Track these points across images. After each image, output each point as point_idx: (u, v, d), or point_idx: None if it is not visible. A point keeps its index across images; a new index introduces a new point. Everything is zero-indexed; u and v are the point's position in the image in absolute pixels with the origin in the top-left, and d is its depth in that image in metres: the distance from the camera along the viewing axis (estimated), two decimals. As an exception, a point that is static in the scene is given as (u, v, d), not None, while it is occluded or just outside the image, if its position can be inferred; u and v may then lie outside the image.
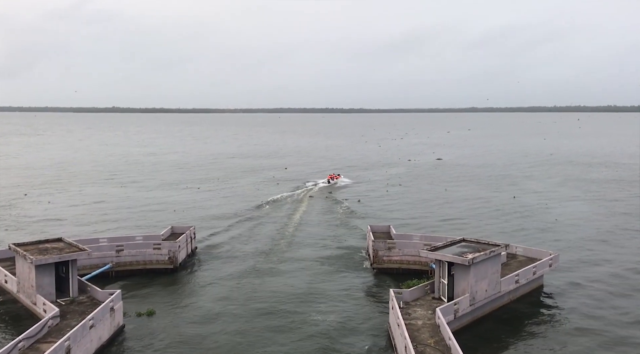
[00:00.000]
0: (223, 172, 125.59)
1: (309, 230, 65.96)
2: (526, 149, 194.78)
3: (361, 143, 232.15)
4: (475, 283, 36.60)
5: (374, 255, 49.71)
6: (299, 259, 53.57)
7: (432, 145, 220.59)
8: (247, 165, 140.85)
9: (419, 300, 37.15)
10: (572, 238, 61.55)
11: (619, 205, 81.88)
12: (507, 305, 40.54)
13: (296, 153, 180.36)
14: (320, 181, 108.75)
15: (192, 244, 55.31)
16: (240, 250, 56.63)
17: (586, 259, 52.97)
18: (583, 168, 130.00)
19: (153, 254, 49.60)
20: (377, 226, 57.26)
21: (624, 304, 41.17)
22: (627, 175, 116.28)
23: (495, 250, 38.20)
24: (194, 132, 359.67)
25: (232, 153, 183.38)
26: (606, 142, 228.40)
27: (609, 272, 48.76)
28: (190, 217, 73.07)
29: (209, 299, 42.61)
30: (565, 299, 42.22)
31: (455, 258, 36.27)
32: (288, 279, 47.45)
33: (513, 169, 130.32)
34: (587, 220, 71.46)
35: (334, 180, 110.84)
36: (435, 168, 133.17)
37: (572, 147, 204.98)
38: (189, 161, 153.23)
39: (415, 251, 47.42)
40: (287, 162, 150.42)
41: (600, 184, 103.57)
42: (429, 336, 31.36)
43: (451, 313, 34.61)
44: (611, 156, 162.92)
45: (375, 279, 47.50)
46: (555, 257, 45.57)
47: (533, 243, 56.27)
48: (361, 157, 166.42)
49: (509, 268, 43.77)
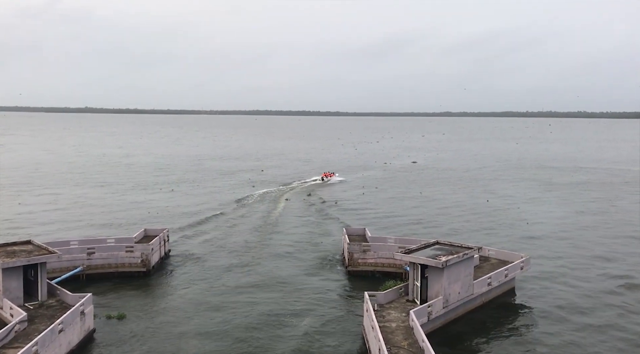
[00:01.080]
0: (198, 174, 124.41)
1: (284, 233, 65.80)
2: (499, 153, 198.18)
3: (338, 146, 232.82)
4: (448, 286, 37.01)
5: (349, 258, 49.86)
6: (274, 261, 53.38)
7: (408, 148, 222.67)
8: (223, 167, 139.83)
9: (393, 303, 37.37)
10: (543, 240, 62.77)
11: (588, 208, 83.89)
12: (479, 307, 41.10)
13: (273, 156, 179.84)
14: (313, 179, 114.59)
15: (165, 247, 54.61)
16: (215, 253, 56.15)
17: (557, 261, 54.07)
18: (554, 172, 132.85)
19: (125, 257, 48.80)
20: (353, 229, 57.51)
21: (594, 306, 42.13)
22: (595, 179, 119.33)
23: (468, 252, 38.71)
24: (170, 133, 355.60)
25: (208, 155, 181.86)
26: (576, 147, 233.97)
27: (579, 274, 49.88)
28: (164, 219, 72.14)
29: (182, 302, 42.10)
30: (535, 301, 43.02)
31: (429, 260, 36.61)
32: (262, 282, 47.22)
33: (486, 173, 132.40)
34: (558, 222, 73.00)
35: (328, 177, 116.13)
36: (411, 172, 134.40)
37: (543, 151, 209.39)
38: (163, 163, 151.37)
39: (390, 253, 47.77)
40: (264, 164, 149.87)
41: (570, 188, 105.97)
42: (403, 339, 31.58)
43: (425, 315, 34.92)
44: (580, 161, 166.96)
45: (350, 282, 47.64)
46: (526, 260, 46.42)
47: (505, 246, 57.27)
48: (338, 160, 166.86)
49: (482, 270, 44.39)
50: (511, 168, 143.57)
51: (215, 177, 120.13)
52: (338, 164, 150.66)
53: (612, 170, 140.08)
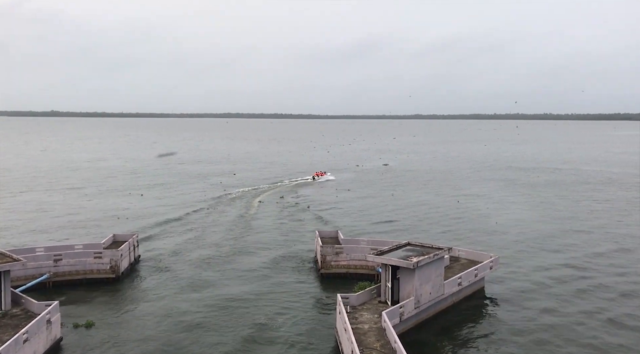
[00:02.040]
0: (169, 178, 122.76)
1: (256, 236, 65.48)
2: (468, 155, 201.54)
3: (310, 149, 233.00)
4: (419, 286, 37.42)
5: (321, 260, 49.93)
6: (246, 265, 53.06)
7: (379, 151, 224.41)
8: (194, 171, 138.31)
9: (365, 304, 37.59)
10: (512, 240, 64.06)
11: (555, 207, 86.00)
12: (450, 307, 41.67)
13: (245, 159, 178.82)
14: (304, 178, 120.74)
15: (135, 252, 53.69)
16: (186, 258, 55.49)
17: (525, 260, 55.25)
18: (521, 173, 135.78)
19: (94, 263, 47.82)
20: (325, 231, 57.64)
21: (562, 305, 43.17)
22: (561, 179, 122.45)
23: (439, 253, 39.22)
24: (140, 137, 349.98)
25: (179, 158, 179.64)
26: (542, 149, 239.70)
27: (547, 273, 51.05)
28: (133, 225, 70.95)
29: (152, 309, 41.44)
30: (505, 301, 43.84)
31: (400, 261, 36.95)
32: (235, 285, 46.89)
33: (456, 174, 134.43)
34: (526, 222, 74.60)
35: (319, 177, 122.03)
36: (382, 174, 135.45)
37: (511, 153, 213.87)
38: (133, 167, 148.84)
39: (363, 255, 47.98)
40: (236, 167, 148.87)
41: (537, 188, 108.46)
42: (375, 340, 31.77)
43: (397, 316, 35.22)
44: (546, 162, 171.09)
45: (323, 284, 47.69)
46: (495, 260, 47.30)
47: (475, 246, 58.25)
48: (310, 162, 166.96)
49: (452, 271, 45.05)
50: (480, 170, 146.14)
51: (187, 180, 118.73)
52: (311, 167, 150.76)
53: (576, 170, 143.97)
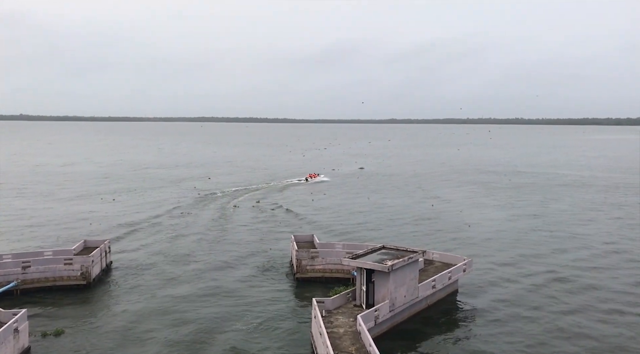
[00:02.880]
0: (142, 183, 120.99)
1: (231, 240, 65.00)
2: (442, 159, 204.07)
3: (285, 153, 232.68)
4: (394, 290, 37.67)
5: (297, 265, 49.84)
6: (221, 270, 52.61)
7: (355, 155, 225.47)
8: (168, 175, 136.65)
9: (341, 308, 37.65)
10: (485, 243, 65.02)
11: (526, 210, 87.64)
12: (424, 310, 42.04)
13: (220, 163, 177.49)
14: (297, 179, 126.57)
15: (107, 258, 52.74)
16: (159, 263, 54.73)
17: (498, 262, 56.13)
18: (493, 177, 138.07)
19: (64, 270, 46.77)
20: (301, 235, 57.56)
21: (534, 306, 43.96)
22: (531, 183, 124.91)
23: (413, 256, 39.57)
24: (114, 141, 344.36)
25: (152, 163, 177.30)
26: (513, 153, 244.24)
27: (519, 274, 51.95)
28: (105, 230, 69.69)
29: (123, 316, 40.72)
30: (478, 303, 44.45)
31: (375, 265, 37.16)
32: (209, 290, 46.43)
33: (431, 178, 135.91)
34: (498, 225, 75.83)
35: (312, 178, 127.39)
36: (358, 178, 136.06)
37: (484, 157, 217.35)
38: (106, 171, 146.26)
39: (338, 259, 48.13)
40: (211, 171, 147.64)
41: (509, 191, 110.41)
42: (351, 344, 31.83)
43: (372, 319, 35.36)
44: (518, 165, 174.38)
45: (299, 288, 47.60)
46: (468, 262, 47.94)
47: (449, 249, 58.95)
48: (286, 166, 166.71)
49: (427, 273, 45.48)
50: (454, 173, 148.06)
51: (160, 185, 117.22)
52: (286, 171, 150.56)
53: (547, 174, 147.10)
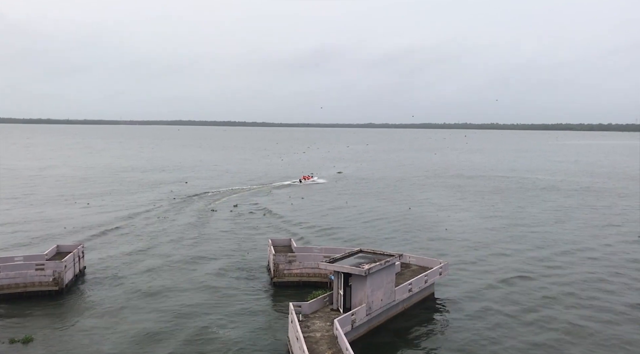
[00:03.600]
0: (118, 186, 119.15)
1: (208, 245, 64.41)
2: (419, 163, 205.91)
3: (264, 157, 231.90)
4: (371, 293, 37.77)
5: (274, 269, 49.62)
6: (197, 274, 52.07)
7: (333, 159, 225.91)
8: (144, 179, 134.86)
9: (318, 312, 37.59)
10: (461, 245, 65.71)
11: (501, 213, 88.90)
12: (401, 313, 42.25)
13: (197, 167, 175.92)
14: (292, 181, 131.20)
15: (80, 263, 51.74)
16: (134, 268, 53.92)
17: (473, 265, 56.76)
18: (469, 181, 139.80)
19: (35, 275, 45.70)
20: (278, 240, 57.39)
21: (510, 308, 44.56)
22: (506, 187, 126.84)
23: (390, 260, 39.74)
24: (91, 144, 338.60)
25: (128, 166, 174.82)
26: (489, 158, 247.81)
27: (495, 277, 52.61)
28: (79, 235, 68.39)
29: (97, 322, 39.97)
30: (454, 305, 44.86)
31: (352, 269, 37.21)
32: (185, 296, 45.90)
33: (408, 182, 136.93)
34: (474, 228, 76.74)
35: (306, 180, 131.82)
36: (336, 182, 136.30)
37: (460, 161, 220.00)
38: (81, 175, 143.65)
39: (316, 263, 48.06)
40: (188, 175, 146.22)
41: (484, 195, 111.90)
42: (327, 348, 31.79)
43: (349, 323, 35.38)
44: (493, 170, 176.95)
45: (276, 293, 47.39)
46: (445, 265, 48.38)
47: (426, 252, 59.45)
48: (264, 170, 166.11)
49: (403, 277, 45.75)
50: (431, 178, 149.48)
51: (136, 189, 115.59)
52: (264, 176, 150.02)
53: (521, 178, 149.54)
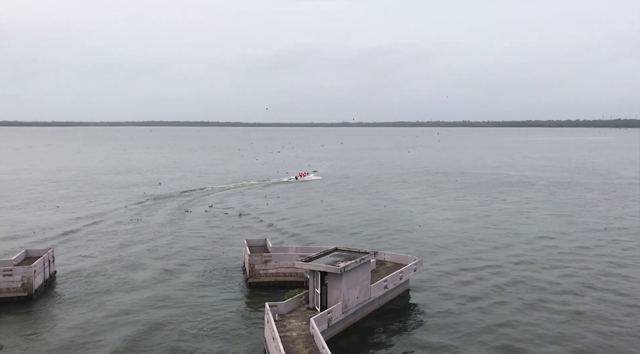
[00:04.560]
0: (90, 189, 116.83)
1: (182, 246, 63.68)
2: (393, 161, 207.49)
3: (238, 157, 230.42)
4: (347, 291, 37.89)
5: (250, 269, 49.35)
6: (171, 276, 51.43)
7: (308, 158, 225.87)
8: (116, 181, 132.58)
9: (294, 312, 37.53)
10: (435, 242, 66.45)
11: (473, 209, 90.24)
12: (377, 310, 42.51)
13: (170, 168, 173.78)
14: (287, 178, 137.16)
15: (50, 268, 50.57)
16: (107, 272, 52.95)
17: (447, 260, 57.46)
18: (442, 178, 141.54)
19: (3, 281, 44.51)
20: (254, 240, 57.10)
21: (484, 302, 45.25)
22: (477, 183, 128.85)
23: (365, 257, 39.93)
24: (60, 146, 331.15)
25: (100, 168, 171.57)
26: (461, 155, 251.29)
27: (469, 273, 53.34)
28: (49, 239, 66.85)
29: (68, 328, 39.12)
30: (428, 301, 45.34)
31: (328, 267, 37.27)
32: (159, 298, 45.26)
33: (382, 180, 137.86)
34: (447, 224, 77.69)
35: (302, 177, 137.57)
36: (311, 181, 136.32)
37: (433, 159, 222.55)
38: (50, 178, 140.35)
39: (291, 263, 47.99)
40: (162, 177, 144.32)
41: (457, 192, 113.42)
42: (304, 347, 31.77)
43: (325, 322, 35.43)
44: (465, 167, 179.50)
45: (252, 293, 47.15)
46: (419, 262, 48.85)
47: (401, 249, 59.94)
48: (239, 171, 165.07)
49: (379, 274, 46.02)
50: (405, 175, 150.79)
51: (108, 191, 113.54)
52: (238, 176, 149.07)
53: (492, 174, 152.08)
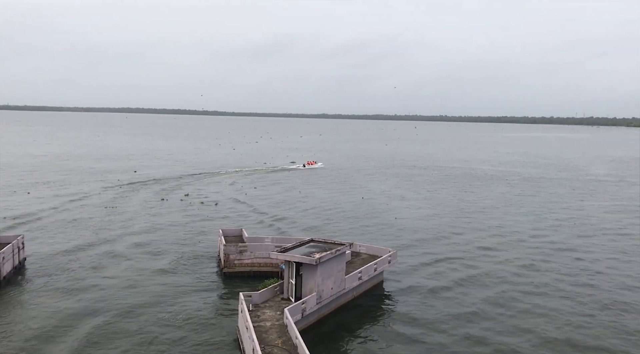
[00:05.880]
0: (62, 175, 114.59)
1: (157, 234, 63.11)
2: (371, 154, 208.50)
3: (215, 147, 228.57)
4: (322, 282, 38.14)
5: (225, 259, 49.22)
6: (145, 265, 50.98)
7: (287, 149, 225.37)
8: (91, 168, 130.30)
9: (268, 302, 37.65)
10: (410, 234, 67.19)
11: (448, 202, 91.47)
12: (351, 301, 42.90)
13: (146, 156, 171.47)
14: (295, 166, 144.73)
15: (20, 255, 49.59)
16: (79, 259, 52.20)
17: (421, 253, 58.20)
18: (419, 171, 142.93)
19: (-30, 269, 43.51)
20: (229, 229, 56.89)
21: (457, 294, 46.00)
22: (452, 177, 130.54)
23: (341, 248, 40.21)
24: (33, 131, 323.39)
25: (74, 155, 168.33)
26: (437, 148, 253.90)
27: (441, 264, 54.14)
28: (20, 225, 65.51)
29: (38, 315, 38.52)
30: (402, 293, 45.94)
31: (303, 258, 37.43)
32: (131, 287, 44.88)
33: (360, 172, 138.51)
34: (422, 217, 78.60)
35: (310, 165, 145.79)
36: (289, 171, 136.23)
37: (410, 152, 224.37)
38: (21, 163, 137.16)
39: (267, 253, 48.04)
40: (137, 164, 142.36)
41: (433, 184, 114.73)
42: (277, 337, 31.93)
43: (299, 312, 35.63)
44: (441, 160, 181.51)
45: (226, 283, 47.07)
46: (393, 254, 49.39)
47: (376, 241, 60.49)
48: (216, 160, 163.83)
49: (353, 265, 46.39)
50: (382, 167, 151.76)
51: (82, 178, 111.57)
52: (214, 164, 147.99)
53: (468, 168, 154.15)
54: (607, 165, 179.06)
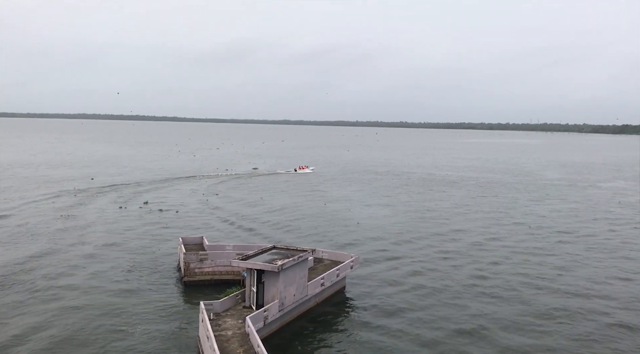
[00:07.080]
0: (12, 183, 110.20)
1: (115, 243, 61.42)
2: (333, 160, 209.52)
3: (175, 153, 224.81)
4: (284, 289, 37.94)
5: (185, 268, 48.35)
6: (102, 275, 49.50)
7: (249, 155, 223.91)
8: (45, 176, 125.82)
9: (230, 310, 37.16)
10: (372, 239, 67.69)
11: (408, 207, 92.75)
12: (314, 308, 42.83)
13: (104, 163, 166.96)
14: (286, 170, 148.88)
15: (-33, 268, 47.31)
16: (31, 271, 50.19)
17: (382, 258, 58.72)
18: (380, 176, 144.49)
19: None
20: (190, 237, 55.97)
21: (418, 297, 46.56)
22: (412, 182, 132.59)
23: (303, 255, 40.15)
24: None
25: (26, 162, 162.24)
26: (398, 155, 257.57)
27: (404, 269, 54.72)
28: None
29: (-12, 331, 36.83)
30: (364, 298, 46.19)
31: (265, 265, 37.17)
32: (89, 297, 43.47)
33: (322, 178, 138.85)
34: (384, 222, 79.38)
35: (301, 169, 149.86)
36: (251, 178, 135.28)
37: (371, 158, 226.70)
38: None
39: (228, 261, 47.43)
40: (94, 171, 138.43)
41: (394, 190, 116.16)
42: (239, 346, 31.53)
43: (261, 320, 35.31)
44: (401, 166, 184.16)
45: (187, 292, 46.22)
46: (355, 259, 49.66)
47: (339, 247, 60.67)
48: (177, 167, 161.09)
49: (316, 271, 46.38)
50: (344, 174, 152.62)
51: (36, 186, 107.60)
52: (175, 171, 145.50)
53: (427, 174, 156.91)
54: (559, 169, 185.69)
